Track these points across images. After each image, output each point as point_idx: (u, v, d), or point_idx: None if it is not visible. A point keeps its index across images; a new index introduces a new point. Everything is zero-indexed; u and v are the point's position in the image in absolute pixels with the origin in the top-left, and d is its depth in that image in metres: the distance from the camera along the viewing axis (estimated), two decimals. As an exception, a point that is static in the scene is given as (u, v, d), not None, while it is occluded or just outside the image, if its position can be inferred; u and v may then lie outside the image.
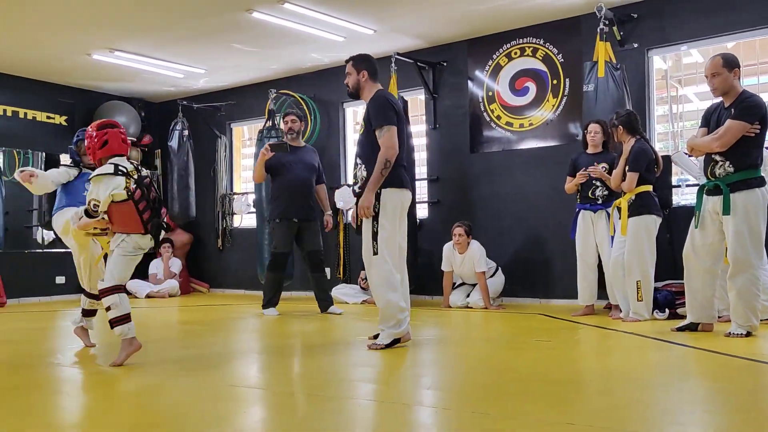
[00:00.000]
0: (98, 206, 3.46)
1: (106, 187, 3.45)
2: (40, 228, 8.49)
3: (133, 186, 3.49)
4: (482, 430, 2.23)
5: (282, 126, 6.17)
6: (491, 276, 6.22)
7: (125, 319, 3.47)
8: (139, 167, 3.63)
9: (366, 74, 4.07)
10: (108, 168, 3.50)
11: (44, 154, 8.47)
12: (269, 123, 7.47)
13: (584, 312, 5.36)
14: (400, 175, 3.95)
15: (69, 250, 4.15)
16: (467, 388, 2.93)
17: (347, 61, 4.15)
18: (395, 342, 3.88)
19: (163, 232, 3.67)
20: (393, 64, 6.64)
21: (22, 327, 5.64)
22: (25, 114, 8.09)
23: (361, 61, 4.10)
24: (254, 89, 8.46)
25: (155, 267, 8.39)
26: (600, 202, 5.28)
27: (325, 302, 5.99)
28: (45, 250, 8.32)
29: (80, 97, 8.55)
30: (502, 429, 2.25)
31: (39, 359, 3.90)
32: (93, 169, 3.97)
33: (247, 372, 3.51)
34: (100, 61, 7.39)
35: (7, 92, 7.76)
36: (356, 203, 4.02)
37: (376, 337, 4.02)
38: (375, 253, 3.83)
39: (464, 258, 6.12)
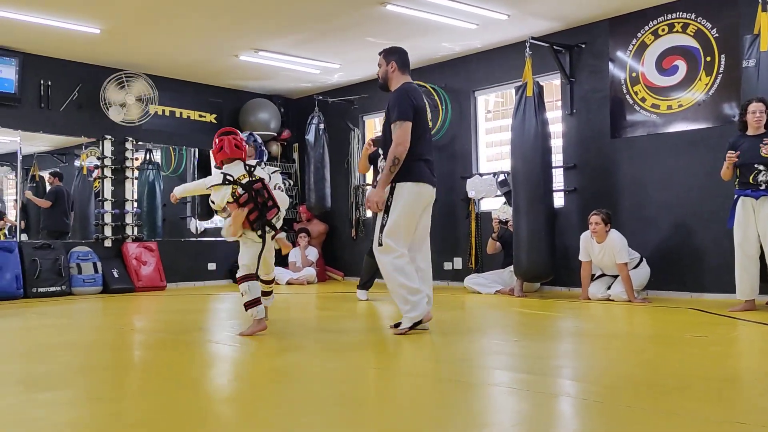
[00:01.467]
0: (216, 207, 4.04)
1: (218, 194, 3.99)
2: (193, 218, 9.18)
3: (240, 191, 3.92)
4: (641, 426, 2.13)
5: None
6: (635, 267, 5.90)
7: (255, 302, 3.97)
8: (253, 172, 4.00)
9: (395, 65, 4.10)
10: (217, 179, 3.99)
11: (197, 150, 9.13)
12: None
13: (743, 307, 4.94)
14: (416, 169, 3.93)
15: (219, 239, 4.60)
16: (616, 382, 2.80)
17: (380, 54, 4.21)
18: (417, 325, 3.92)
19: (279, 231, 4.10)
20: (527, 49, 6.46)
21: (179, 308, 6.11)
22: (181, 113, 8.76)
23: (391, 53, 4.14)
24: (387, 81, 8.57)
25: (294, 255, 8.78)
26: (763, 188, 4.80)
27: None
28: (198, 239, 8.97)
29: (227, 96, 9.11)
30: (663, 426, 2.13)
31: (194, 337, 4.21)
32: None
33: (384, 356, 3.57)
34: (246, 62, 7.82)
35: (166, 94, 8.42)
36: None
37: (397, 325, 4.02)
38: (379, 245, 3.91)
39: (603, 248, 5.86)
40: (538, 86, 6.40)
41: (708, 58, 5.96)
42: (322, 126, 8.85)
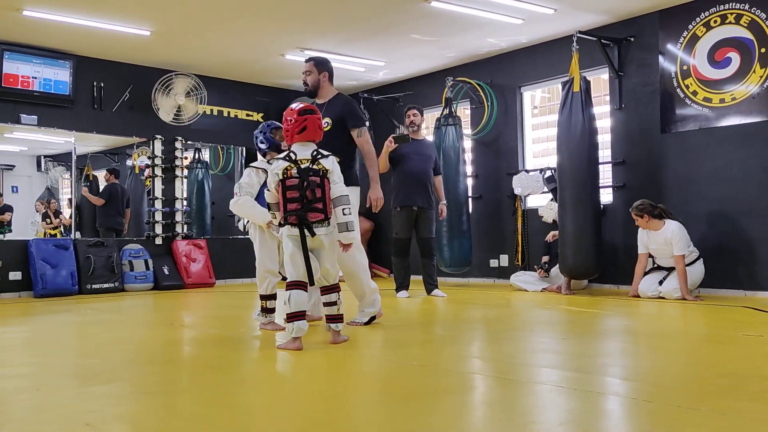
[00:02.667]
0: (268, 187, 3.60)
1: (271, 171, 3.55)
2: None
3: (293, 172, 3.45)
4: (693, 426, 2.07)
5: (405, 119, 6.55)
6: (690, 264, 5.74)
7: (295, 317, 3.43)
8: (318, 159, 3.51)
9: (326, 76, 4.40)
10: (281, 154, 3.57)
11: (244, 149, 9.28)
12: (446, 111, 7.54)
13: (801, 306, 4.77)
14: (354, 174, 4.35)
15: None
16: (667, 381, 2.73)
17: (307, 61, 4.43)
18: (372, 319, 4.33)
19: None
20: (574, 43, 6.35)
21: (228, 304, 6.23)
22: (228, 113, 8.92)
23: (323, 64, 4.42)
24: (431, 78, 8.56)
25: (340, 253, 8.84)
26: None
27: (430, 285, 6.36)
28: (246, 237, 9.10)
29: (274, 95, 9.24)
30: (716, 426, 2.07)
31: (242, 333, 4.28)
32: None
33: (429, 352, 3.56)
34: (292, 61, 7.91)
35: (214, 94, 8.59)
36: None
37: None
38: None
39: (661, 235, 5.76)
40: (585, 81, 6.29)
41: (762, 50, 5.75)
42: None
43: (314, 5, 6.18)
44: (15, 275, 7.26)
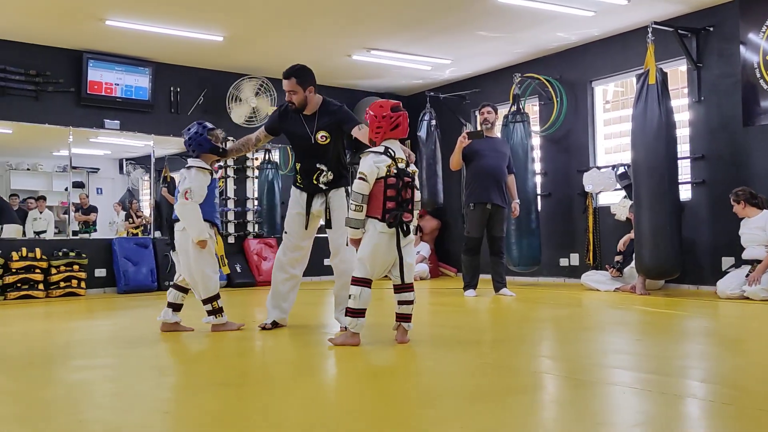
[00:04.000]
0: (364, 177, 3.45)
1: (373, 163, 3.46)
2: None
3: (394, 170, 3.47)
4: (776, 430, 1.98)
5: (478, 116, 6.51)
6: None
7: (359, 313, 3.49)
8: (409, 160, 3.57)
9: (312, 90, 4.10)
10: (379, 148, 3.53)
11: (312, 149, 9.45)
12: (514, 108, 7.44)
13: None
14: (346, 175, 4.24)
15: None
16: (748, 384, 2.61)
17: (287, 77, 4.10)
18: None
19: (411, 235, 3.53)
20: (650, 35, 6.13)
21: (297, 301, 6.33)
22: (297, 113, 9.09)
23: (305, 77, 4.08)
24: (498, 75, 8.47)
25: (407, 251, 8.86)
26: None
27: (498, 284, 6.28)
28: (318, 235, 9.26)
29: (340, 95, 9.30)
30: (801, 431, 1.97)
31: (310, 330, 4.36)
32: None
33: (499, 351, 3.53)
34: (359, 61, 7.99)
35: (283, 95, 8.73)
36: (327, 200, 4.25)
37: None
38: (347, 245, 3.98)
39: (754, 222, 5.62)
40: (661, 73, 6.06)
41: None
42: (433, 122, 8.86)
43: (380, 5, 6.22)
44: (100, 272, 7.64)
